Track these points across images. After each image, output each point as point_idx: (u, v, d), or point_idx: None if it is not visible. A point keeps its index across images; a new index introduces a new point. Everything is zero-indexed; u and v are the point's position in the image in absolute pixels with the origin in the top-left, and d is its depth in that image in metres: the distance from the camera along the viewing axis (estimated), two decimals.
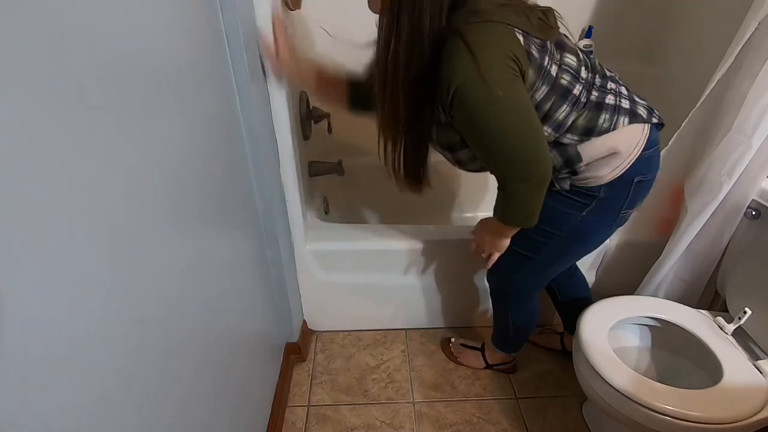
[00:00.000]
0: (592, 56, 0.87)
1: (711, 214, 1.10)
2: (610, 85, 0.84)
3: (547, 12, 0.81)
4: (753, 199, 1.07)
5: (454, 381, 1.39)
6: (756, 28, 0.94)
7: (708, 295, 1.29)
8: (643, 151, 0.86)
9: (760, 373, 0.95)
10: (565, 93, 0.78)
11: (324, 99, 1.14)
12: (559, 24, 0.82)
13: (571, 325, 1.29)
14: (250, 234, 1.03)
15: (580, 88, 0.80)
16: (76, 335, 0.43)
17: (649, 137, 0.87)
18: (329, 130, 1.51)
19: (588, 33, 1.64)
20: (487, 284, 1.44)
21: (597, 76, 0.83)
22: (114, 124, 0.49)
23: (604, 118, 0.82)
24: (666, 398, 0.89)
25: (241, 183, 0.95)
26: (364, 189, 1.91)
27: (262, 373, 1.14)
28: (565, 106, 0.78)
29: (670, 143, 1.16)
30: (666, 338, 1.14)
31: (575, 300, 1.29)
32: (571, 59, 0.79)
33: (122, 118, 0.51)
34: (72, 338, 0.42)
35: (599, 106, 0.81)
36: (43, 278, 0.39)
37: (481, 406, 1.32)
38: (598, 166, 0.85)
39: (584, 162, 0.84)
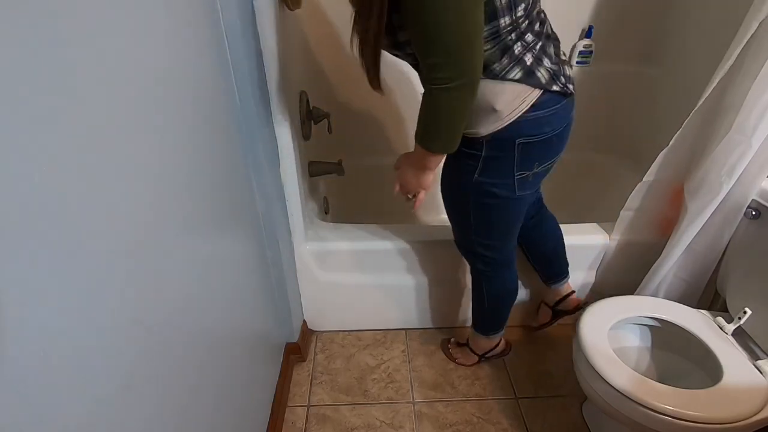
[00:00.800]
0: (538, 10, 0.82)
1: (711, 214, 1.10)
2: (529, 37, 0.80)
3: None
4: (753, 199, 1.07)
5: (454, 381, 1.39)
6: (756, 28, 0.94)
7: (708, 295, 1.29)
8: (526, 113, 0.83)
9: (760, 373, 0.95)
10: (492, 15, 0.74)
11: None
12: None
13: (551, 274, 1.32)
14: (250, 234, 1.03)
15: (507, 22, 0.75)
16: (77, 336, 0.43)
17: (537, 102, 0.83)
18: (329, 130, 1.51)
19: (588, 33, 1.64)
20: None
21: (526, 22, 0.78)
22: (114, 125, 0.49)
23: (501, 63, 0.79)
24: (666, 398, 0.89)
25: (241, 183, 0.95)
26: (364, 189, 1.91)
27: (262, 373, 1.14)
28: (486, 28, 0.74)
29: (670, 143, 1.16)
30: (666, 338, 1.14)
31: (548, 252, 1.28)
32: None
33: (122, 118, 0.51)
34: (72, 339, 0.42)
35: (506, 48, 0.78)
36: (44, 279, 0.39)
37: (481, 406, 1.32)
38: (476, 119, 0.84)
39: (489, 104, 0.83)
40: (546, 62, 0.83)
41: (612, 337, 1.04)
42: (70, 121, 0.42)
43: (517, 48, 0.79)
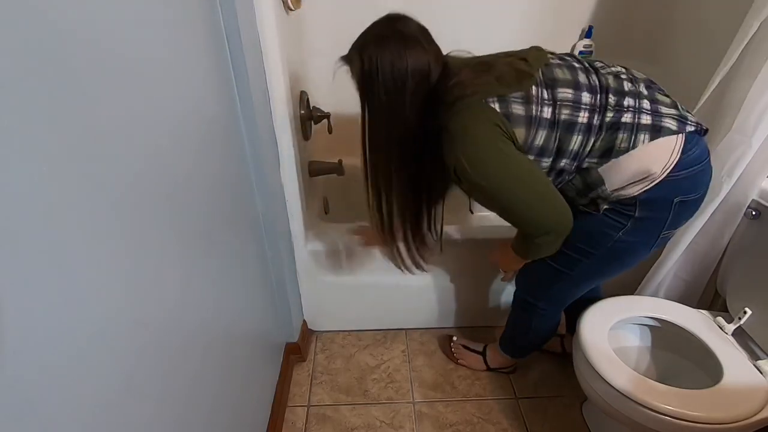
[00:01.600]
0: (603, 76, 0.83)
1: (711, 214, 1.10)
2: (628, 101, 0.80)
3: (530, 55, 0.82)
4: (753, 199, 1.07)
5: (454, 381, 1.39)
6: (757, 28, 0.94)
7: (708, 295, 1.29)
8: (679, 168, 0.81)
9: (760, 373, 0.95)
10: (569, 125, 0.79)
11: None
12: (549, 56, 0.84)
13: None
14: (250, 234, 1.03)
15: (587, 114, 0.79)
16: (77, 336, 0.43)
17: (684, 151, 0.80)
18: (329, 130, 1.51)
19: (588, 33, 1.64)
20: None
21: (609, 95, 0.80)
22: (113, 125, 0.49)
23: (621, 137, 0.80)
24: (666, 398, 0.89)
25: (241, 183, 0.95)
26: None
27: (262, 373, 1.14)
28: (575, 136, 0.80)
29: None
30: (666, 338, 1.14)
31: (585, 300, 1.27)
32: (565, 92, 0.79)
33: (121, 118, 0.51)
34: (72, 339, 0.42)
35: (615, 126, 0.80)
36: (44, 279, 0.39)
37: (481, 406, 1.32)
38: (626, 186, 0.83)
39: (607, 184, 0.83)
40: (663, 110, 0.82)
41: (612, 337, 1.04)
42: (70, 121, 0.42)
43: (625, 118, 0.79)
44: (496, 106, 0.77)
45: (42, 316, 0.39)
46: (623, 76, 0.84)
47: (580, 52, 1.67)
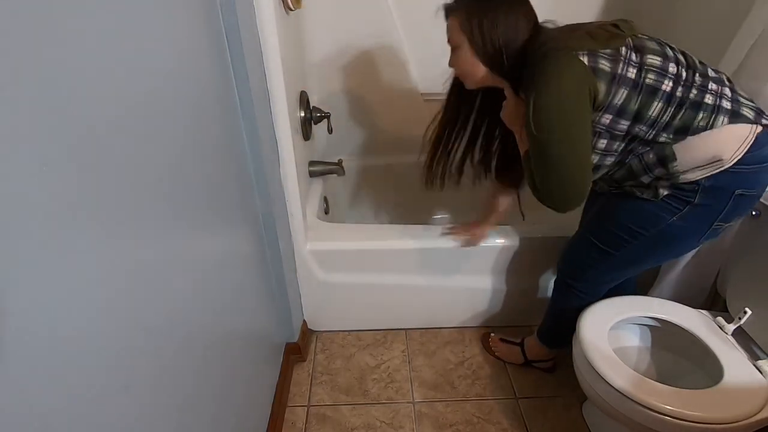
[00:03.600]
0: (691, 57, 0.85)
1: None
2: (712, 85, 0.82)
3: (620, 23, 0.85)
4: None
5: (454, 381, 1.39)
6: (762, 30, 0.94)
7: (708, 295, 1.29)
8: (747, 161, 0.81)
9: (760, 373, 0.95)
10: (652, 90, 0.80)
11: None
12: (636, 30, 0.86)
13: None
14: (250, 234, 1.03)
15: (671, 84, 0.80)
16: (77, 336, 0.43)
17: (755, 144, 0.81)
18: (329, 130, 1.51)
19: None
20: (487, 285, 1.45)
21: (696, 74, 0.82)
22: (113, 125, 0.49)
23: (701, 116, 0.80)
24: (666, 398, 0.89)
25: (241, 183, 0.95)
26: (364, 189, 1.91)
27: (262, 373, 1.14)
28: (656, 102, 0.80)
29: None
30: (666, 338, 1.14)
31: (619, 289, 1.25)
32: (654, 59, 0.80)
33: (121, 118, 0.51)
34: (72, 339, 0.42)
35: (696, 104, 0.81)
36: (44, 279, 0.39)
37: (481, 406, 1.32)
38: (695, 168, 0.84)
39: (679, 162, 0.84)
40: (742, 100, 0.83)
41: (612, 337, 1.04)
42: (70, 120, 0.42)
43: (707, 99, 0.80)
44: (585, 59, 0.79)
45: (41, 317, 0.39)
46: (707, 65, 0.85)
47: None
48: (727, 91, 0.82)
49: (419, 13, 1.57)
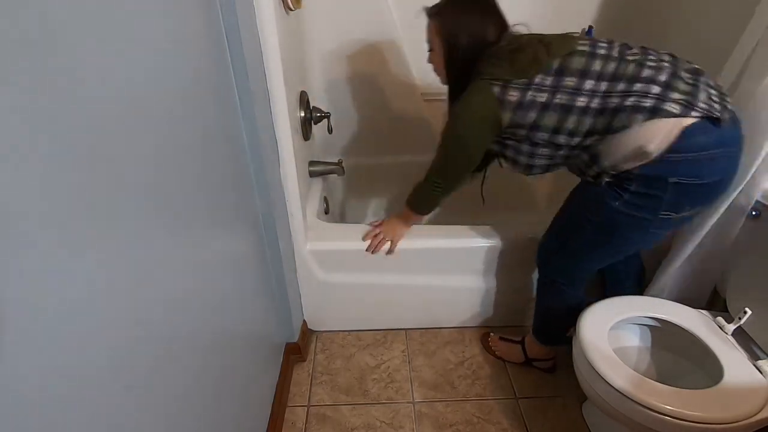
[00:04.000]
0: (625, 64, 0.90)
1: (708, 215, 1.10)
2: (637, 86, 0.87)
3: (554, 41, 0.95)
4: (755, 199, 1.07)
5: (454, 381, 1.39)
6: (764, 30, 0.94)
7: (708, 295, 1.29)
8: (676, 150, 0.85)
9: (760, 373, 0.95)
10: (565, 108, 0.91)
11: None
12: (578, 44, 0.94)
13: None
14: (250, 234, 1.03)
15: (585, 99, 0.90)
16: (76, 336, 0.43)
17: (685, 135, 0.84)
18: (329, 130, 1.51)
19: (588, 33, 1.64)
20: (487, 284, 1.45)
21: (620, 83, 0.88)
22: (113, 125, 0.49)
23: (620, 118, 0.88)
24: (666, 398, 0.89)
25: (241, 183, 0.95)
26: (364, 189, 1.92)
27: (262, 373, 1.14)
28: (571, 117, 0.91)
29: None
30: (666, 338, 1.14)
31: (619, 289, 1.28)
32: (570, 80, 0.91)
33: (121, 118, 0.51)
34: (72, 339, 0.42)
35: (615, 109, 0.88)
36: (44, 279, 0.39)
37: (481, 406, 1.32)
38: (624, 162, 0.90)
39: (607, 158, 0.92)
40: (673, 95, 0.86)
41: (612, 337, 1.04)
42: (70, 120, 0.42)
43: (628, 102, 0.87)
44: (497, 90, 0.94)
45: (41, 317, 0.39)
46: (650, 64, 0.89)
47: None
48: (654, 89, 0.86)
49: (419, 13, 1.57)
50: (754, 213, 1.07)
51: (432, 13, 1.04)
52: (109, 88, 0.48)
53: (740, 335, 1.05)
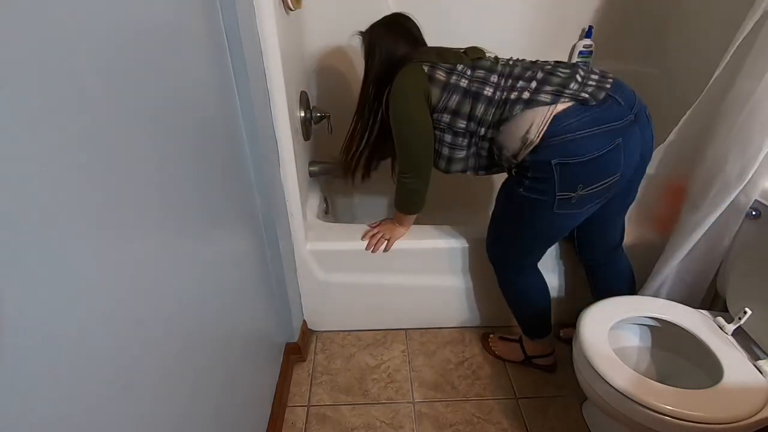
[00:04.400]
0: (517, 67, 1.04)
1: (706, 215, 1.10)
2: (520, 83, 1.00)
3: (470, 50, 1.10)
4: (754, 199, 1.07)
5: (454, 381, 1.39)
6: (755, 25, 0.94)
7: (708, 295, 1.29)
8: (552, 134, 0.94)
9: (760, 373, 0.95)
10: (477, 95, 1.02)
11: None
12: (486, 54, 1.10)
13: None
14: (250, 234, 1.03)
15: (491, 90, 1.02)
16: (76, 336, 0.43)
17: (558, 120, 0.94)
18: (329, 130, 1.51)
19: (588, 33, 1.64)
20: (486, 285, 1.45)
21: (510, 80, 1.02)
22: (113, 124, 0.49)
23: (508, 111, 0.99)
24: (666, 398, 0.89)
25: (241, 183, 0.95)
26: (364, 189, 1.91)
27: (262, 373, 1.14)
28: (480, 104, 1.02)
29: (666, 141, 1.16)
30: (666, 338, 1.14)
31: (607, 291, 1.28)
32: (480, 72, 1.04)
33: (121, 118, 0.51)
34: (72, 339, 0.42)
35: (503, 101, 1.01)
36: (43, 278, 0.39)
37: (481, 406, 1.32)
38: (518, 152, 1.00)
39: (505, 150, 1.02)
40: (547, 88, 0.98)
41: (612, 337, 1.04)
42: (70, 120, 0.42)
43: (513, 95, 0.99)
44: (426, 69, 1.05)
45: (41, 317, 0.39)
46: (533, 68, 1.03)
47: (580, 52, 1.67)
48: (533, 84, 0.99)
49: (419, 13, 1.57)
50: (753, 213, 1.07)
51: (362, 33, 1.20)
52: (109, 88, 0.48)
53: (740, 335, 1.05)
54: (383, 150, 1.31)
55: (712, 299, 1.30)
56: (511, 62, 1.07)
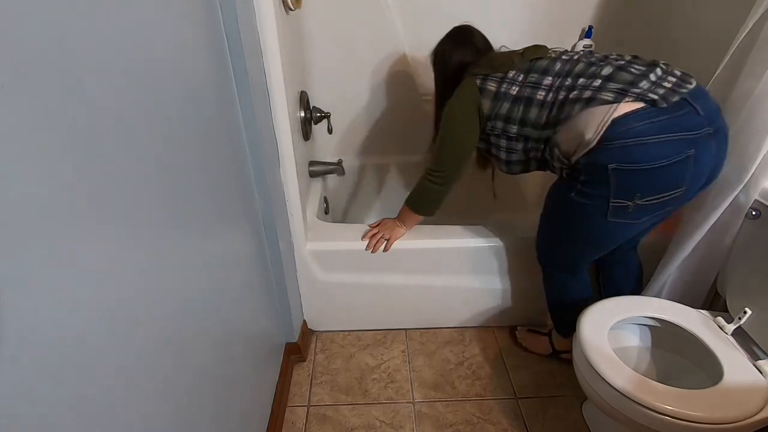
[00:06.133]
0: (577, 64, 1.00)
1: (708, 215, 1.10)
2: (581, 81, 0.96)
3: (526, 51, 1.08)
4: (754, 199, 1.07)
5: (454, 381, 1.39)
6: (754, 26, 0.94)
7: (708, 295, 1.29)
8: (612, 137, 0.89)
9: (760, 373, 0.95)
10: (528, 101, 1.02)
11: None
12: (547, 51, 1.08)
13: None
14: (250, 234, 1.03)
15: (543, 93, 1.00)
16: (77, 336, 0.43)
17: (621, 122, 0.88)
18: (329, 130, 1.51)
19: (588, 33, 1.64)
20: (487, 284, 1.45)
21: (569, 79, 0.98)
22: (113, 124, 0.49)
23: (566, 111, 0.96)
24: (666, 398, 0.89)
25: (241, 183, 0.95)
26: (364, 189, 1.92)
27: (262, 373, 1.14)
28: (533, 108, 1.02)
29: None
30: (666, 338, 1.14)
31: (617, 290, 1.29)
32: (533, 76, 1.03)
33: (121, 118, 0.51)
34: (72, 339, 0.42)
35: (561, 102, 0.97)
36: (45, 279, 0.39)
37: (481, 406, 1.32)
38: (573, 153, 0.97)
39: (560, 150, 1.00)
40: (610, 86, 0.92)
41: (612, 337, 1.04)
42: (70, 119, 0.42)
43: (572, 95, 0.96)
44: (478, 82, 1.08)
45: (41, 317, 0.39)
46: (600, 63, 0.98)
47: None
48: (596, 82, 0.94)
49: (419, 13, 1.57)
50: (753, 213, 1.07)
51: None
52: (109, 89, 0.48)
53: (740, 335, 1.05)
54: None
55: (712, 299, 1.30)
56: (575, 58, 1.02)
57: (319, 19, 1.51)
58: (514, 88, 1.04)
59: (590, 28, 1.63)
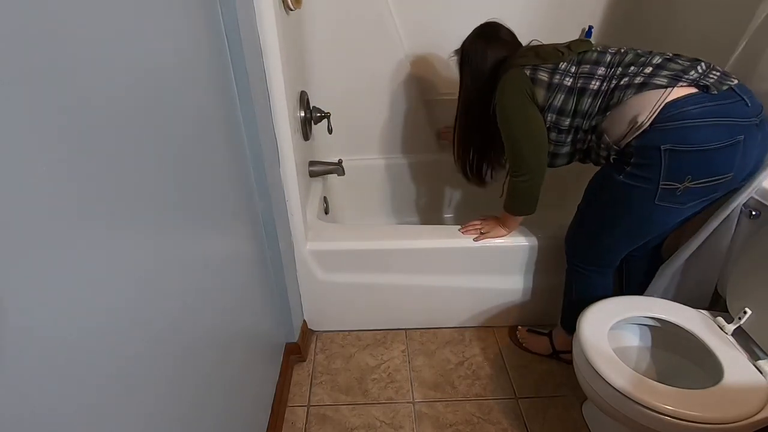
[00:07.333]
0: (626, 55, 1.03)
1: (713, 215, 1.10)
2: (632, 69, 0.99)
3: (572, 44, 1.09)
4: (753, 199, 1.07)
5: (454, 381, 1.39)
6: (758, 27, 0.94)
7: (708, 296, 1.29)
8: (665, 119, 0.91)
9: (760, 373, 0.95)
10: (582, 91, 1.03)
11: None
12: (592, 46, 1.09)
13: None
14: (250, 234, 1.03)
15: (597, 83, 1.02)
16: (77, 336, 0.43)
17: (674, 104, 0.91)
18: (329, 130, 1.51)
19: (588, 33, 1.64)
20: (487, 284, 1.45)
21: (620, 68, 1.00)
22: (113, 124, 0.49)
23: (617, 96, 0.98)
24: (666, 398, 0.89)
25: (241, 183, 0.95)
26: (364, 189, 1.91)
27: (262, 373, 1.14)
28: (585, 99, 1.03)
29: None
30: (666, 338, 1.14)
31: (639, 285, 1.28)
32: (585, 67, 1.04)
33: (121, 117, 0.51)
34: (72, 339, 0.43)
35: (613, 89, 1.00)
36: (46, 280, 0.39)
37: (481, 406, 1.32)
38: (623, 136, 0.99)
39: (609, 135, 1.01)
40: (662, 72, 0.95)
41: (612, 337, 1.04)
42: (70, 119, 0.42)
43: (623, 81, 0.98)
44: (528, 72, 1.07)
45: (42, 317, 0.39)
46: (646, 54, 1.02)
47: None
48: (647, 69, 0.97)
49: (419, 13, 1.57)
50: (754, 213, 1.07)
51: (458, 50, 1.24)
52: (108, 89, 0.48)
53: (740, 335, 1.05)
54: (490, 156, 1.34)
55: (712, 299, 1.30)
56: (622, 50, 1.05)
57: (319, 19, 1.51)
58: (567, 79, 1.04)
59: (590, 28, 1.63)
